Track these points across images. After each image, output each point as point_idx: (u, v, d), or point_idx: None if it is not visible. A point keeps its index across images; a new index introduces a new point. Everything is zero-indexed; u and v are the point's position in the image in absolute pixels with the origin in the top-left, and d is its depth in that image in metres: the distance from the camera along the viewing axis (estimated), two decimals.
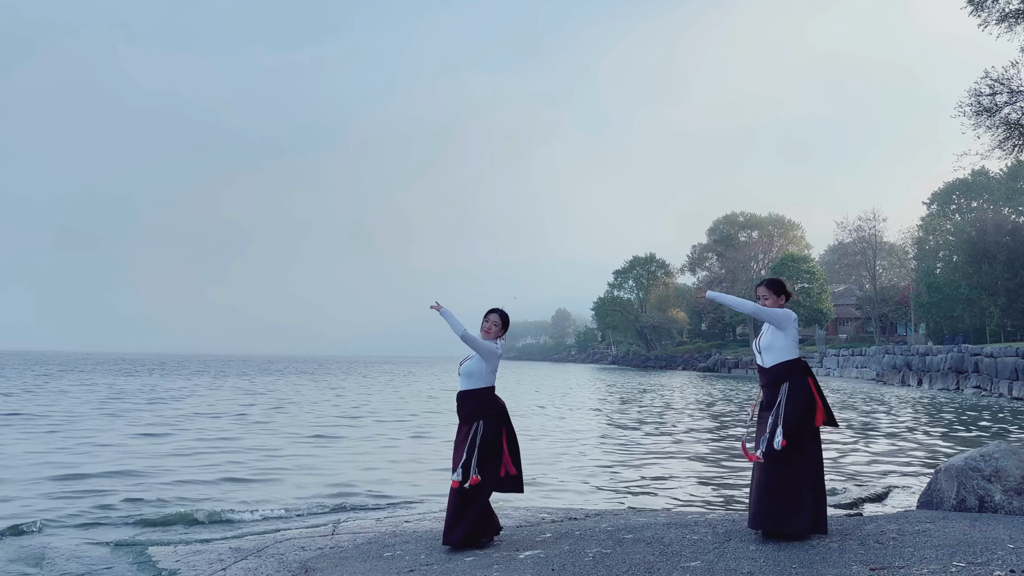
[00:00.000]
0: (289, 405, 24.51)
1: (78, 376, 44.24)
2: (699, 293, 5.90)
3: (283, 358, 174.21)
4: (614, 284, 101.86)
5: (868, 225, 68.51)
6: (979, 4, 19.89)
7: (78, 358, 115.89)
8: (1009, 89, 20.61)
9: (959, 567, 4.48)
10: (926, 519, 6.02)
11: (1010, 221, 57.60)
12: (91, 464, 11.34)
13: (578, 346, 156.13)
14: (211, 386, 36.04)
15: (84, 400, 24.69)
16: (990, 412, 22.72)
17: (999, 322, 53.93)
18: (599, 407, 25.36)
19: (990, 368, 32.58)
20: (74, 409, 21.03)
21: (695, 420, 20.28)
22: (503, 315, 6.05)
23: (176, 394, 28.93)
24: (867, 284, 70.53)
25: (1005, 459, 6.52)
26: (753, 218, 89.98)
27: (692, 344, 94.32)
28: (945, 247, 65.01)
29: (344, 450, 13.55)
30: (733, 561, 4.87)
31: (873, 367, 47.96)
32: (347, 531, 6.70)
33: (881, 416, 21.30)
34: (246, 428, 16.93)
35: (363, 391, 34.27)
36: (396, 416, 20.96)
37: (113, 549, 6.37)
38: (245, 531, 7.13)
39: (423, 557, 5.47)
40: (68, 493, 9.15)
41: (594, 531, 6.02)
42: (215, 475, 10.57)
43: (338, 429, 17.10)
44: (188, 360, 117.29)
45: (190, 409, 21.92)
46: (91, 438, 14.48)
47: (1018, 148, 21.31)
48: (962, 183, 65.10)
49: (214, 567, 5.57)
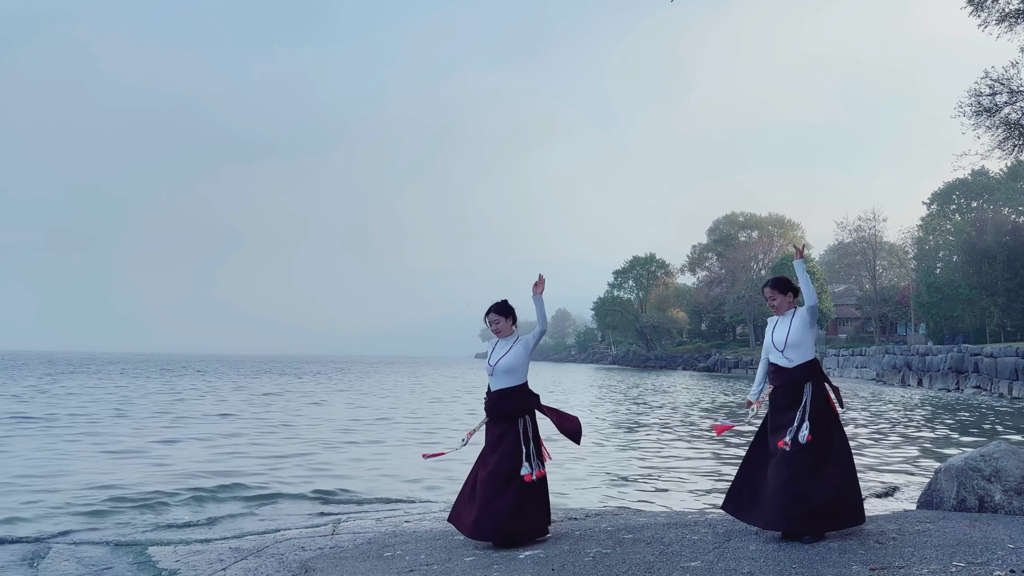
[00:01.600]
0: (312, 407, 24.51)
1: (87, 378, 44.22)
2: (797, 251, 5.70)
3: (283, 358, 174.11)
4: (614, 284, 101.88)
5: (868, 225, 68.53)
6: (979, 4, 19.87)
7: (79, 359, 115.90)
8: (1009, 89, 20.60)
9: (959, 567, 4.48)
10: (926, 519, 6.02)
11: (1010, 221, 57.62)
12: (94, 464, 11.34)
13: (578, 346, 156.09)
14: (231, 388, 36.04)
15: (105, 402, 24.68)
16: (990, 412, 22.72)
17: (999, 322, 53.94)
18: (599, 407, 25.35)
19: (990, 368, 32.58)
20: (98, 412, 21.03)
21: (695, 420, 20.28)
22: (499, 307, 5.88)
23: (192, 394, 28.94)
24: (867, 284, 70.49)
25: (1005, 459, 6.52)
26: (753, 218, 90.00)
27: (692, 344, 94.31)
28: (945, 247, 65.04)
29: (356, 450, 13.55)
30: (733, 561, 4.87)
31: (873, 367, 47.96)
32: (347, 531, 6.70)
33: (881, 416, 21.30)
34: (257, 428, 16.94)
35: (390, 393, 34.26)
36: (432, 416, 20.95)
37: (113, 549, 6.36)
38: (245, 531, 7.12)
39: (423, 557, 5.47)
40: (68, 493, 9.15)
41: (594, 531, 6.02)
42: (216, 476, 10.57)
43: (366, 431, 17.10)
44: (191, 360, 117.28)
45: (209, 410, 21.93)
46: (103, 443, 14.48)
47: (1018, 148, 21.29)
48: (962, 183, 65.09)
49: (214, 567, 5.57)
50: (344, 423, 18.60)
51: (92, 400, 24.70)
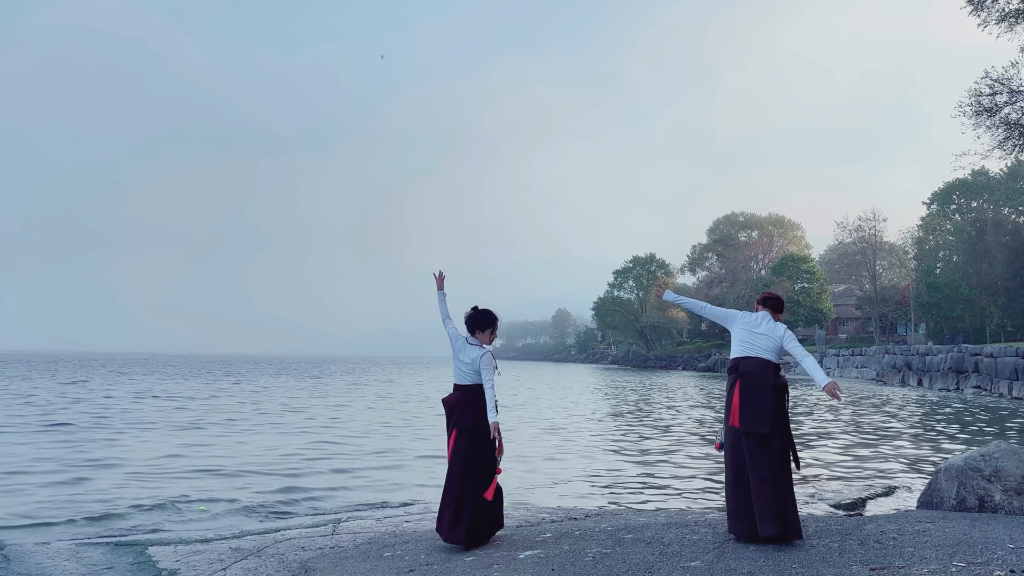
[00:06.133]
0: (340, 409, 24.50)
1: (119, 378, 44.21)
2: (656, 291, 5.84)
3: (290, 358, 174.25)
4: (614, 284, 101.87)
5: (868, 225, 68.50)
6: (979, 4, 19.89)
7: (69, 357, 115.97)
8: (1009, 89, 20.62)
9: (959, 567, 4.48)
10: (926, 519, 6.02)
11: (1010, 221, 57.63)
12: (98, 465, 11.34)
13: (578, 346, 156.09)
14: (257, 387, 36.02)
15: (134, 404, 24.68)
16: (990, 412, 22.71)
17: (999, 322, 53.95)
18: (599, 407, 25.35)
19: (990, 368, 32.58)
20: (140, 415, 21.02)
21: (695, 420, 20.27)
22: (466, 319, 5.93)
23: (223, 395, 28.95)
24: (867, 284, 70.49)
25: (1005, 459, 6.52)
26: (753, 218, 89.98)
27: (692, 344, 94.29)
28: (945, 247, 65.05)
29: (363, 451, 13.55)
30: (733, 561, 4.87)
31: (873, 367, 47.96)
32: (347, 531, 6.70)
33: (881, 416, 21.30)
34: (268, 429, 16.94)
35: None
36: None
37: (113, 549, 6.36)
38: (245, 531, 7.12)
39: (423, 557, 5.47)
40: (68, 493, 9.15)
41: (594, 531, 6.02)
42: (217, 475, 10.57)
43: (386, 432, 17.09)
44: (189, 360, 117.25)
45: (229, 412, 21.92)
46: (120, 443, 14.48)
47: (1018, 148, 21.31)
48: (962, 183, 65.09)
49: (214, 567, 5.56)
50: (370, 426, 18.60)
51: (141, 404, 24.67)
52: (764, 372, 5.47)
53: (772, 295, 5.91)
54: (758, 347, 5.56)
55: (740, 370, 5.50)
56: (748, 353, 5.58)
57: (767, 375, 5.46)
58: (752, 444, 5.34)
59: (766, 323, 5.66)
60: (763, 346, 5.56)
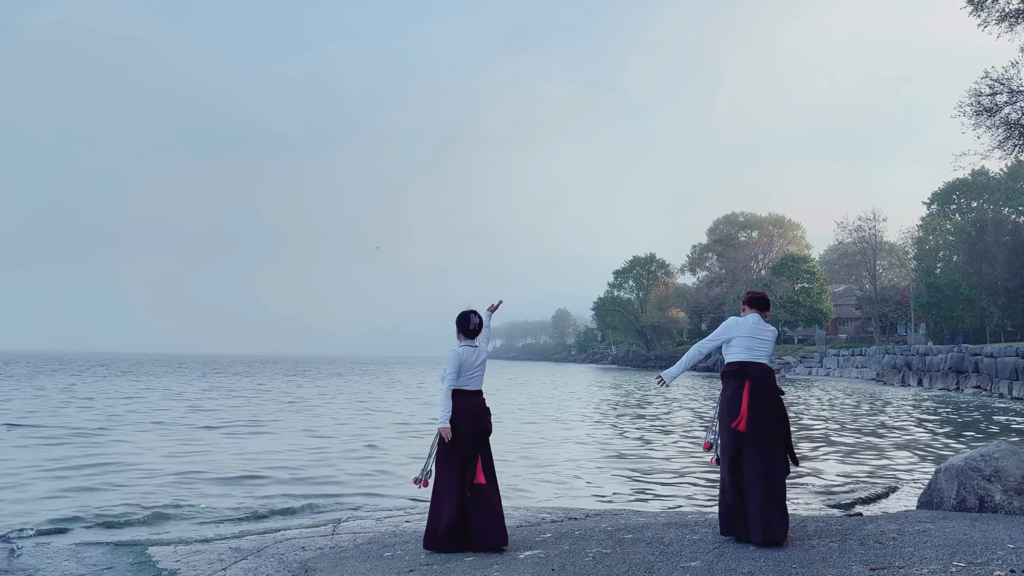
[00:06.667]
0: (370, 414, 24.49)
1: (114, 380, 44.20)
2: (657, 381, 5.89)
3: (295, 358, 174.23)
4: (614, 284, 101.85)
5: (868, 225, 68.51)
6: (979, 4, 19.89)
7: (69, 357, 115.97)
8: (1009, 89, 20.61)
9: (959, 567, 4.48)
10: (926, 519, 6.02)
11: (1010, 221, 57.62)
12: (99, 465, 11.34)
13: (578, 346, 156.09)
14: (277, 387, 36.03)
15: (163, 406, 24.68)
16: (990, 412, 22.72)
17: (999, 322, 53.96)
18: (599, 407, 25.36)
19: (990, 368, 32.58)
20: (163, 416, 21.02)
21: (695, 420, 20.27)
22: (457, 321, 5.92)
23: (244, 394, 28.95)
24: (867, 284, 70.49)
25: (1005, 459, 6.52)
26: (753, 218, 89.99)
27: (692, 344, 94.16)
28: (945, 247, 65.07)
29: (370, 453, 13.56)
30: (733, 561, 4.87)
31: (873, 367, 47.97)
32: (347, 531, 6.70)
33: (881, 416, 21.30)
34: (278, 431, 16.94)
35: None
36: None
37: (113, 549, 6.36)
38: (245, 531, 7.12)
39: (423, 557, 5.47)
40: (68, 493, 9.15)
41: (594, 531, 6.02)
42: (217, 476, 10.57)
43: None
44: (187, 361, 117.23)
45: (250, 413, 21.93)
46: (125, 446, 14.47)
47: (1018, 148, 21.31)
48: (962, 183, 65.12)
49: (214, 567, 5.56)
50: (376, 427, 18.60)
51: (171, 406, 24.67)
52: (772, 379, 5.56)
53: (758, 294, 5.89)
54: (762, 352, 5.61)
55: (751, 375, 5.49)
56: (753, 358, 5.60)
57: (774, 383, 5.56)
58: (756, 449, 5.36)
59: (762, 326, 5.71)
60: (765, 351, 5.62)
